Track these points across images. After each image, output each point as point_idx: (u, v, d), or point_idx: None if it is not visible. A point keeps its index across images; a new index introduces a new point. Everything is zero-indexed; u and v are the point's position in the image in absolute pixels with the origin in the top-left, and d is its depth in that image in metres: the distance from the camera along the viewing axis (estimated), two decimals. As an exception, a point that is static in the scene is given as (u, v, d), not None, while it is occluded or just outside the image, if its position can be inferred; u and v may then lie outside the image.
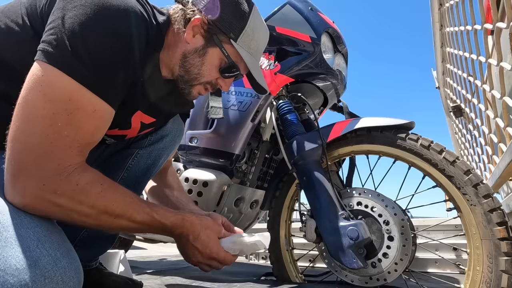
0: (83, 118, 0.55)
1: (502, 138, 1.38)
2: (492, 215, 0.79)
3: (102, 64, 0.56)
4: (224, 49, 0.72)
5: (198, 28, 0.71)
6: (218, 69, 0.75)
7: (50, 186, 0.53)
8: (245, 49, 0.75)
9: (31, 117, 0.52)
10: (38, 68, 0.53)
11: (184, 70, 0.73)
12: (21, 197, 0.52)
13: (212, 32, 0.71)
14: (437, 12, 2.17)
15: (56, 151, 0.53)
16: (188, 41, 0.71)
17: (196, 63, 0.72)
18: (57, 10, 0.56)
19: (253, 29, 0.75)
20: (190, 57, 0.72)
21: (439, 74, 2.61)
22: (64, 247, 0.52)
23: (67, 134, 0.54)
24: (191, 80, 0.74)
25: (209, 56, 0.73)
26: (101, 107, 0.58)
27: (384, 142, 0.98)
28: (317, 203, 0.97)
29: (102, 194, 0.58)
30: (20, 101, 0.53)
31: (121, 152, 0.93)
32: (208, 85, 0.77)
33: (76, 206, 0.55)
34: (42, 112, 0.52)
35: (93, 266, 0.91)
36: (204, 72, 0.74)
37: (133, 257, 2.26)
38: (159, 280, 1.21)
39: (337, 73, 1.24)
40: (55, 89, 0.52)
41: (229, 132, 1.22)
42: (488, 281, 0.78)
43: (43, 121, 0.52)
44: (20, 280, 0.44)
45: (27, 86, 0.53)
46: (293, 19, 1.20)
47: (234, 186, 1.28)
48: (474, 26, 1.39)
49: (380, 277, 0.90)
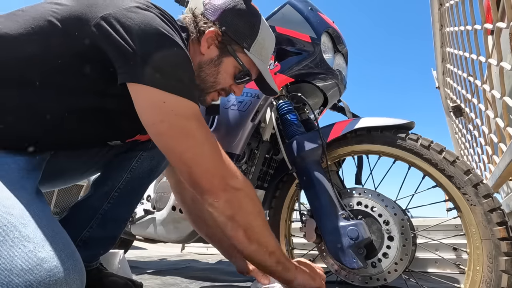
0: (204, 122, 0.65)
1: (502, 138, 1.38)
2: (492, 215, 0.79)
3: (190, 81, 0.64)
4: (238, 58, 0.77)
5: (213, 39, 0.75)
6: (232, 77, 0.79)
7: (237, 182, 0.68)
8: (258, 57, 0.79)
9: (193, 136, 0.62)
10: (150, 93, 0.59)
11: (200, 80, 0.77)
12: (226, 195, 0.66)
13: (226, 42, 0.76)
14: (437, 12, 2.17)
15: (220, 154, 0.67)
16: (203, 52, 0.75)
17: (212, 73, 0.77)
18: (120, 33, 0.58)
19: (264, 38, 0.80)
20: (206, 67, 0.76)
21: (439, 74, 2.60)
22: (69, 249, 0.52)
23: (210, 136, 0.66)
24: (207, 88, 0.79)
25: (224, 65, 0.77)
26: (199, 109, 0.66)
27: (384, 142, 0.98)
28: (317, 203, 0.97)
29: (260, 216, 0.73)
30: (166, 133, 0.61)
31: (125, 153, 0.94)
32: (223, 91, 0.81)
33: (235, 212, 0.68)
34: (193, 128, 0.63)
35: (93, 266, 0.91)
36: (220, 80, 0.78)
37: (133, 257, 2.26)
38: (159, 280, 1.21)
39: (337, 73, 1.24)
40: (184, 109, 0.61)
41: (229, 132, 1.22)
42: (488, 281, 0.78)
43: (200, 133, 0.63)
44: (25, 280, 0.44)
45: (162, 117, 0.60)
46: (293, 19, 1.19)
47: (234, 186, 1.28)
48: (474, 26, 1.39)
49: (380, 277, 0.90)
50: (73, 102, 0.65)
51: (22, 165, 0.62)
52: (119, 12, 0.59)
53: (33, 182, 0.62)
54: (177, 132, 0.61)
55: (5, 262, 0.44)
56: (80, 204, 0.92)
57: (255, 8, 0.81)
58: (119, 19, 0.58)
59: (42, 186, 0.75)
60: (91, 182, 0.99)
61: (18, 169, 0.60)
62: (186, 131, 0.61)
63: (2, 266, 0.43)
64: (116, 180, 0.91)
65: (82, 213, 0.90)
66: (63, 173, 0.88)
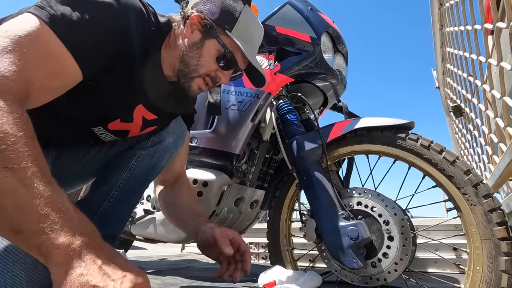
0: (46, 56, 0.54)
1: (502, 138, 1.38)
2: (492, 215, 0.79)
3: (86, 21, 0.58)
4: (220, 39, 0.77)
5: (196, 25, 0.76)
6: (215, 60, 0.78)
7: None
8: (241, 38, 0.79)
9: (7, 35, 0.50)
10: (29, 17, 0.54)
11: (183, 64, 0.77)
12: None
13: (208, 26, 0.76)
14: (437, 12, 2.17)
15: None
16: (187, 36, 0.77)
17: (194, 55, 0.77)
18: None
19: (246, 20, 0.80)
20: (189, 50, 0.77)
21: (439, 74, 2.60)
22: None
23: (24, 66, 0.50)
24: (191, 72, 0.78)
25: (206, 47, 0.77)
26: (66, 57, 0.56)
27: (384, 142, 0.98)
28: (317, 203, 0.97)
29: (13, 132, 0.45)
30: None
31: (124, 152, 0.94)
32: (208, 77, 0.80)
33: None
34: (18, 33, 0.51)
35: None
36: (203, 63, 0.78)
37: (133, 257, 2.25)
38: (159, 280, 1.21)
39: (337, 73, 1.24)
40: (29, 22, 0.53)
41: (229, 132, 1.22)
42: (488, 281, 0.78)
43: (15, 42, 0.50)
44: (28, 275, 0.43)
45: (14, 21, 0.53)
46: (293, 19, 1.20)
47: (234, 186, 1.28)
48: (474, 26, 1.39)
49: (380, 277, 0.90)
50: None
51: None
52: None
53: None
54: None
55: None
56: (79, 203, 0.93)
57: None
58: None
59: None
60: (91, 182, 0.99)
61: None
62: None
63: None
64: (115, 179, 0.91)
65: (81, 212, 0.90)
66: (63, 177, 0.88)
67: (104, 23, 0.61)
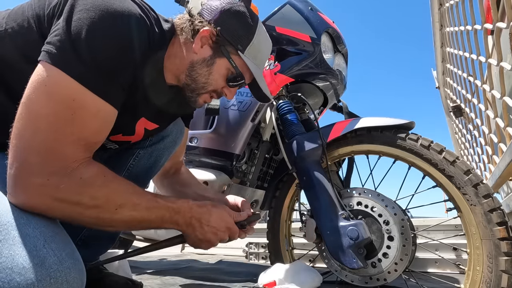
0: (87, 117, 0.56)
1: (502, 138, 1.38)
2: (492, 215, 0.79)
3: (104, 66, 0.57)
4: (232, 60, 0.75)
5: (207, 39, 0.73)
6: (225, 79, 0.77)
7: (54, 181, 0.52)
8: (252, 60, 0.77)
9: (36, 115, 0.52)
10: (42, 68, 0.54)
11: (191, 79, 0.75)
12: (24, 194, 0.51)
13: (220, 43, 0.73)
14: (437, 12, 2.17)
15: (60, 148, 0.53)
16: (196, 51, 0.73)
17: (203, 73, 0.74)
18: (63, 14, 0.57)
19: (260, 41, 0.77)
20: (198, 66, 0.74)
21: (439, 74, 2.60)
22: (69, 248, 0.52)
23: (71, 132, 0.54)
24: (198, 89, 0.76)
25: (216, 66, 0.75)
26: (104, 107, 0.58)
27: (384, 142, 0.98)
28: (317, 203, 0.97)
29: (105, 185, 0.58)
30: (24, 100, 0.53)
31: (123, 152, 0.93)
32: (214, 93, 0.79)
33: (77, 197, 0.54)
34: (46, 110, 0.52)
35: (93, 265, 0.91)
36: (211, 82, 0.76)
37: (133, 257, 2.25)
38: (159, 280, 1.21)
39: (337, 73, 1.24)
40: (59, 88, 0.53)
41: (229, 132, 1.22)
42: (488, 281, 0.78)
43: (47, 119, 0.52)
44: (26, 279, 0.44)
45: (31, 86, 0.53)
46: (293, 19, 1.19)
47: (234, 186, 1.28)
48: (474, 26, 1.39)
49: (380, 277, 0.90)
50: None
51: None
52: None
53: None
54: (26, 105, 0.53)
55: (6, 261, 0.44)
56: None
57: (253, 11, 0.79)
58: None
59: None
60: None
61: None
62: (35, 108, 0.53)
63: (4, 264, 0.44)
64: None
65: None
66: None
67: (122, 59, 0.60)
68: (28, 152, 0.51)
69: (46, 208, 0.53)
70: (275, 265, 0.99)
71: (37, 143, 0.52)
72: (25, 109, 0.52)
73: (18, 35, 0.61)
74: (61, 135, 0.53)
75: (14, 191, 0.52)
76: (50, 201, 0.53)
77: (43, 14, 0.61)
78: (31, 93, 0.53)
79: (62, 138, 0.53)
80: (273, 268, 0.96)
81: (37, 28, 0.61)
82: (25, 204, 0.52)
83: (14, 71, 0.61)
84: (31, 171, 0.51)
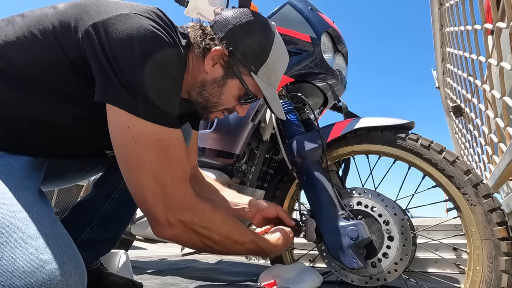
0: (175, 149, 0.63)
1: (502, 138, 1.38)
2: (492, 215, 0.79)
3: (165, 101, 0.61)
4: (244, 82, 0.73)
5: (218, 58, 0.71)
6: (236, 99, 0.76)
7: (188, 216, 0.64)
8: (266, 81, 0.75)
9: (144, 168, 0.59)
10: (118, 116, 0.58)
11: (202, 98, 0.75)
12: (171, 231, 0.64)
13: (232, 63, 0.71)
14: (437, 12, 2.17)
15: (178, 185, 0.63)
16: (207, 71, 0.72)
17: (214, 93, 0.74)
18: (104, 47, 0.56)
19: (274, 60, 0.75)
20: (209, 86, 0.73)
21: (439, 74, 2.61)
22: (70, 251, 0.52)
23: (176, 168, 0.63)
24: (210, 108, 0.77)
25: (228, 87, 0.74)
26: (178, 134, 0.64)
27: (384, 142, 0.98)
28: (317, 203, 0.97)
29: (224, 221, 0.71)
30: (123, 158, 0.60)
31: None
32: (226, 111, 0.79)
33: (208, 233, 0.67)
34: (149, 159, 0.59)
35: (94, 267, 0.91)
36: (223, 102, 0.76)
37: (133, 257, 2.25)
38: (159, 280, 1.21)
39: (337, 73, 1.24)
40: (146, 136, 0.59)
41: (229, 132, 1.22)
42: (488, 281, 0.78)
43: (155, 165, 0.60)
44: (26, 283, 0.44)
45: (121, 142, 0.60)
46: (293, 19, 1.19)
47: (234, 186, 1.28)
48: (474, 26, 1.39)
49: (380, 277, 0.90)
50: (67, 110, 0.64)
51: (25, 165, 0.62)
52: (108, 21, 0.58)
53: (36, 182, 0.62)
54: (131, 161, 0.60)
55: (7, 264, 0.44)
56: (81, 205, 0.92)
57: (269, 25, 0.76)
58: (106, 28, 0.57)
59: (43, 186, 0.75)
60: (92, 183, 0.99)
61: (21, 169, 0.60)
62: (139, 162, 0.59)
63: (4, 267, 0.43)
64: (117, 181, 0.91)
65: (83, 214, 0.89)
66: (64, 173, 0.88)
67: (174, 91, 0.65)
68: (156, 199, 0.61)
69: (188, 239, 0.68)
70: (275, 265, 0.99)
71: (160, 189, 0.61)
72: (131, 166, 0.60)
73: (34, 41, 0.60)
74: (171, 174, 0.62)
75: (161, 231, 0.64)
76: (190, 233, 0.66)
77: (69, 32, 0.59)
78: (125, 149, 0.60)
79: (174, 177, 0.62)
80: (273, 268, 0.96)
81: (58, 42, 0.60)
82: (174, 237, 0.66)
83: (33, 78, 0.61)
84: (167, 213, 0.62)
